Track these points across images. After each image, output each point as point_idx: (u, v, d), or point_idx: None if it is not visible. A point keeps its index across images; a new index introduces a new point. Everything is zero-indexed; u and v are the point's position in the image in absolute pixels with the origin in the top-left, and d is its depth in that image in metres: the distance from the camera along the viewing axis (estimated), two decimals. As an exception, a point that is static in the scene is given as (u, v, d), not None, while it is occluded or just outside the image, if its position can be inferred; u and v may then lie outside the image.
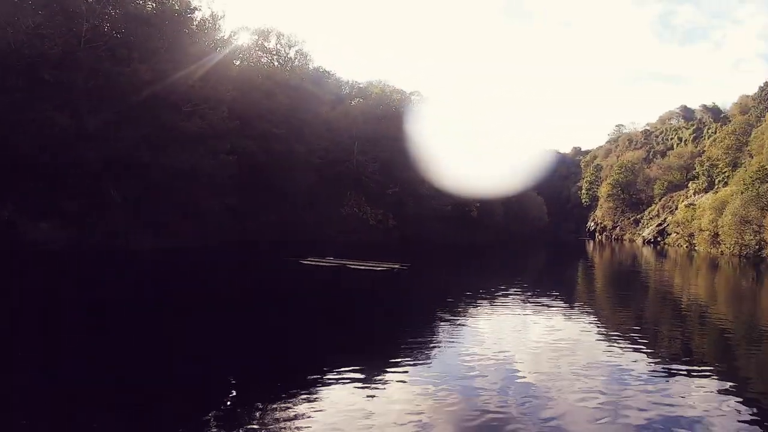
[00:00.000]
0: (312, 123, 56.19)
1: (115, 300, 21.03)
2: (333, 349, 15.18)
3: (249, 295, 24.03)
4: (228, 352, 14.31)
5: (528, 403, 10.99)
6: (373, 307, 23.11)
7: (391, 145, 65.88)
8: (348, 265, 33.72)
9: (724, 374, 14.09)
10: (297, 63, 65.28)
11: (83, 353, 13.42)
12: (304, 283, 28.56)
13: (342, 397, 10.78)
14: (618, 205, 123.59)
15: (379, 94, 72.55)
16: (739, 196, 65.12)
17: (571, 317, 22.14)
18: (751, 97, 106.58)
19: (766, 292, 12.45)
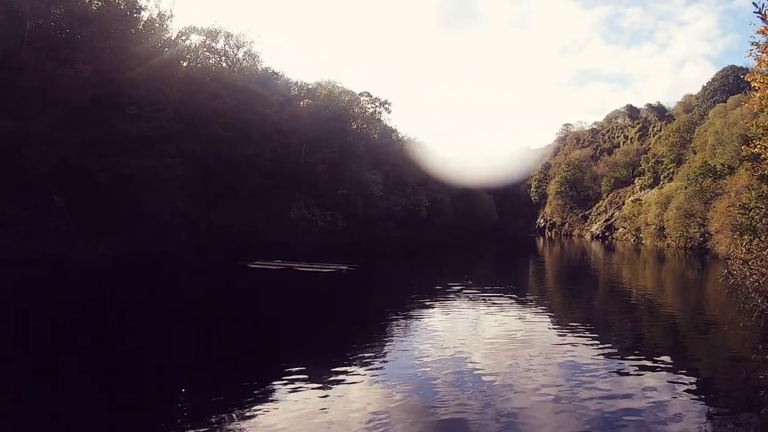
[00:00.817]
0: (260, 125, 55.42)
1: (50, 309, 20.03)
2: (285, 353, 15.09)
3: (196, 301, 23.65)
4: (177, 359, 14.08)
5: (486, 398, 11.10)
6: (322, 309, 23.08)
7: (340, 146, 65.31)
8: (295, 267, 33.72)
9: (675, 362, 14.67)
10: (245, 64, 64.68)
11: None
12: (253, 287, 28.20)
13: (297, 400, 10.68)
14: (566, 201, 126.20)
15: (327, 95, 71.86)
16: (684, 191, 67.13)
17: (524, 312, 22.40)
18: (694, 96, 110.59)
19: (712, 282, 12.63)
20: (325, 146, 63.21)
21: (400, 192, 74.88)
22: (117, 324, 18.12)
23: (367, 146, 72.71)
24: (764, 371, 11.11)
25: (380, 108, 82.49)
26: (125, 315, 19.61)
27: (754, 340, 12.41)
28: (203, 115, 49.02)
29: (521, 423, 9.90)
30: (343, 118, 69.44)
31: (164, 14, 47.75)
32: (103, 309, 20.81)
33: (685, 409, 10.92)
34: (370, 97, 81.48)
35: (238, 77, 59.94)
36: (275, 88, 67.11)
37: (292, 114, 63.79)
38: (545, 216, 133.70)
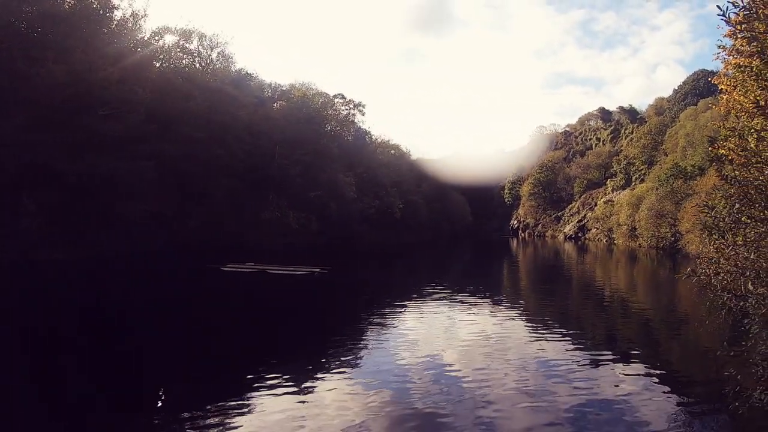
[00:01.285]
0: (233, 126, 55.13)
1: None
2: (259, 357, 14.98)
3: (167, 305, 23.28)
4: (148, 364, 13.81)
5: (462, 399, 11.18)
6: (296, 313, 22.90)
7: (314, 148, 65.02)
8: (268, 270, 33.51)
9: (647, 358, 15.06)
10: (219, 65, 64.34)
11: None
12: (225, 291, 28.01)
13: (273, 404, 10.63)
14: (540, 203, 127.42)
15: (301, 97, 71.57)
16: (655, 192, 68.12)
17: (499, 313, 22.48)
18: (666, 99, 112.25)
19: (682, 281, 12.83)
20: (298, 148, 62.91)
21: (374, 194, 74.76)
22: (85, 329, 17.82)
23: (340, 148, 72.56)
24: (732, 366, 11.24)
25: (354, 110, 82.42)
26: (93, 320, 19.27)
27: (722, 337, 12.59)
28: (176, 116, 48.62)
29: (498, 422, 9.96)
30: (316, 120, 69.24)
31: (138, 14, 47.36)
32: (70, 314, 20.42)
33: (657, 404, 11.21)
34: (345, 99, 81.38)
35: (212, 78, 59.59)
36: (249, 89, 66.65)
37: (265, 116, 63.41)
38: (519, 217, 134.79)
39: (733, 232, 10.80)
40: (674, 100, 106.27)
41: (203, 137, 49.97)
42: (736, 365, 11.40)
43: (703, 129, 65.36)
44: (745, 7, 9.00)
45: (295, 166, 61.85)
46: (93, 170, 38.40)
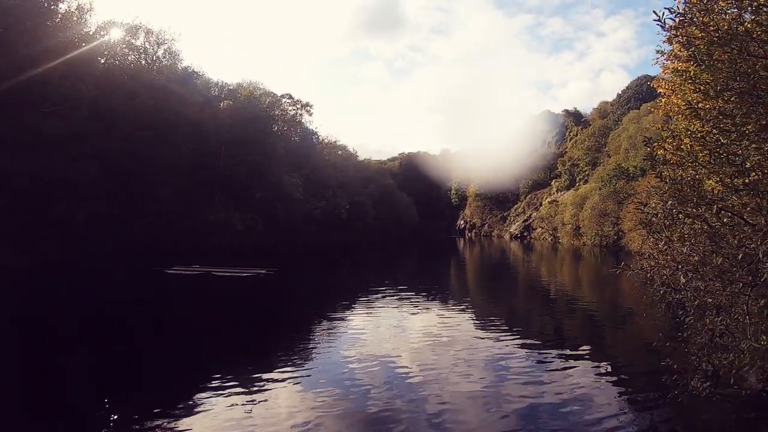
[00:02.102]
0: (179, 125, 54.00)
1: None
2: (206, 361, 14.72)
3: (109, 311, 22.41)
4: (90, 372, 13.40)
5: (412, 397, 11.29)
6: (242, 315, 22.71)
7: (261, 148, 64.43)
8: (214, 272, 32.99)
9: (593, 352, 15.66)
10: (165, 62, 62.84)
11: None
12: (170, 294, 27.44)
13: (223, 409, 10.51)
14: (486, 203, 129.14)
15: (248, 97, 70.66)
16: (598, 192, 69.98)
17: (447, 312, 22.64)
18: (610, 102, 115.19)
19: (626, 277, 13.39)
20: (245, 148, 62.25)
21: (321, 195, 74.51)
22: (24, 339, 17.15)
23: (287, 148, 72.07)
24: (671, 357, 11.76)
25: (302, 110, 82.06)
26: (31, 329, 18.55)
27: (663, 329, 13.17)
28: (121, 113, 47.26)
29: (449, 419, 10.11)
30: (263, 120, 68.53)
31: (83, 7, 45.78)
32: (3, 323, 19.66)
33: (603, 395, 11.67)
34: (292, 99, 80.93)
35: (158, 76, 58.36)
36: (195, 87, 65.53)
37: (212, 114, 62.49)
38: (465, 217, 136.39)
39: (669, 229, 11.27)
40: (618, 103, 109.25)
41: (149, 136, 48.91)
42: (675, 355, 11.95)
43: (645, 132, 67.36)
44: (681, 14, 9.42)
45: (241, 166, 61.18)
46: (34, 169, 37.17)
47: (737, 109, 9.40)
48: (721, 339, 10.68)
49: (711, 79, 9.89)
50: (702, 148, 11.07)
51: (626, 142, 76.02)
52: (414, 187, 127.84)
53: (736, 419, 10.19)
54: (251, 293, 27.97)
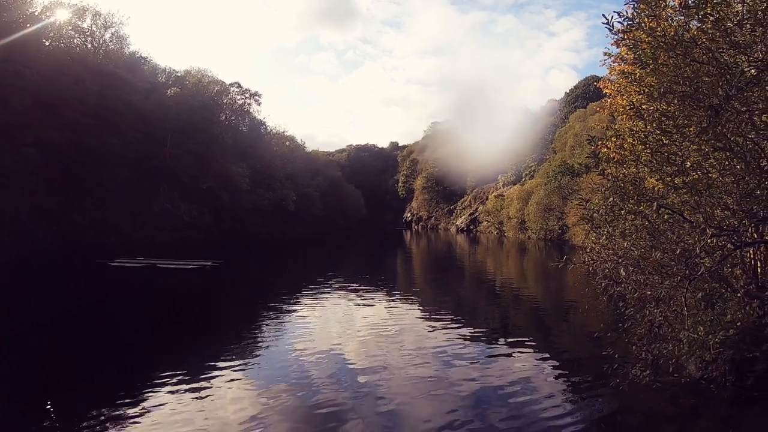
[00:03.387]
0: (125, 113, 52.62)
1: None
2: (150, 356, 14.46)
3: (50, 306, 21.59)
4: (32, 369, 13.01)
5: (361, 391, 11.34)
6: (187, 308, 22.45)
7: (208, 137, 63.34)
8: (158, 264, 32.43)
9: (539, 343, 16.10)
10: (112, 47, 60.64)
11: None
12: (113, 288, 26.89)
13: (168, 405, 10.34)
14: (433, 196, 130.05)
15: (196, 84, 69.24)
16: (544, 187, 71.28)
17: (394, 304, 22.75)
18: (558, 101, 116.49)
19: (570, 270, 13.89)
20: (191, 137, 61.13)
21: (268, 186, 73.62)
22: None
23: (235, 138, 70.89)
24: (612, 347, 12.29)
25: (250, 99, 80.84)
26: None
27: (605, 320, 13.63)
28: (64, 100, 45.61)
29: (397, 412, 10.25)
30: (211, 109, 67.37)
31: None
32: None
33: (548, 384, 12.05)
34: (241, 88, 79.56)
35: (104, 60, 56.31)
36: (142, 73, 63.40)
37: (158, 102, 60.88)
38: (412, 210, 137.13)
39: (611, 224, 11.74)
40: (565, 102, 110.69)
41: (93, 124, 47.50)
42: (616, 345, 12.49)
43: (590, 130, 68.87)
44: (630, 18, 9.81)
45: (187, 156, 60.05)
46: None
47: (679, 111, 9.84)
48: (660, 329, 11.22)
49: (655, 82, 10.34)
50: (644, 148, 11.55)
51: (572, 140, 77.53)
52: (362, 180, 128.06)
53: (675, 406, 10.66)
54: (197, 286, 27.66)
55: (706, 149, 9.63)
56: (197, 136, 61.75)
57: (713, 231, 8.89)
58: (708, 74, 9.16)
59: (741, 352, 10.42)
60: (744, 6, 8.41)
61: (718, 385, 10.82)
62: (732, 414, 10.16)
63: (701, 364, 11.12)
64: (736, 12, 8.52)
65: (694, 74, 9.23)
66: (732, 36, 8.51)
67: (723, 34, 8.59)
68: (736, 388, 10.53)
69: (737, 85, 8.21)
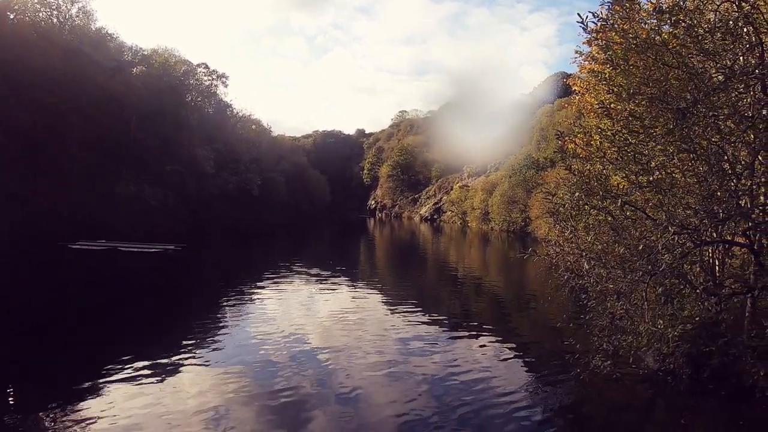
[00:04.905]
0: (90, 92, 50.83)
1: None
2: (110, 342, 14.25)
3: (10, 287, 21.50)
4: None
5: (324, 377, 11.48)
6: (149, 293, 22.38)
7: (173, 119, 62.08)
8: (120, 247, 31.81)
9: (501, 333, 16.40)
10: (78, 22, 58.30)
11: None
12: (73, 271, 26.59)
13: (131, 391, 10.26)
14: (398, 185, 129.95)
15: (163, 64, 67.60)
16: (508, 180, 71.94)
17: (357, 292, 22.85)
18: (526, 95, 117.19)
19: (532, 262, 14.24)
20: (157, 119, 59.77)
21: (233, 170, 72.67)
22: None
23: (200, 120, 69.67)
24: (574, 338, 12.64)
25: (217, 81, 79.28)
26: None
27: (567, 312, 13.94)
28: (27, 78, 43.91)
29: (360, 398, 10.41)
30: (177, 90, 66.04)
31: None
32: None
33: (511, 373, 12.35)
34: (208, 69, 77.98)
35: (70, 36, 54.36)
36: (108, 51, 61.49)
37: (124, 81, 59.06)
38: (377, 198, 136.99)
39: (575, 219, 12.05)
40: (533, 97, 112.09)
41: (56, 102, 45.94)
42: (578, 336, 12.86)
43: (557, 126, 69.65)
44: (604, 19, 10.06)
45: (152, 137, 58.73)
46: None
47: (647, 112, 10.15)
48: (620, 322, 11.60)
49: (625, 82, 10.64)
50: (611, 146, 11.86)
51: (538, 134, 78.28)
52: (327, 166, 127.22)
53: (633, 396, 11.06)
54: (159, 270, 27.45)
55: (672, 150, 9.94)
56: (163, 117, 60.43)
57: (675, 229, 9.20)
58: (677, 78, 9.47)
59: (698, 346, 10.81)
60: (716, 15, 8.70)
61: (675, 377, 11.21)
62: (688, 405, 10.57)
63: (659, 356, 11.50)
64: (707, 20, 8.82)
65: (663, 77, 9.53)
66: (702, 43, 8.80)
67: (694, 41, 8.88)
68: (692, 381, 10.93)
69: (705, 90, 8.52)
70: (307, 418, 9.45)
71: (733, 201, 8.79)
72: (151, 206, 56.23)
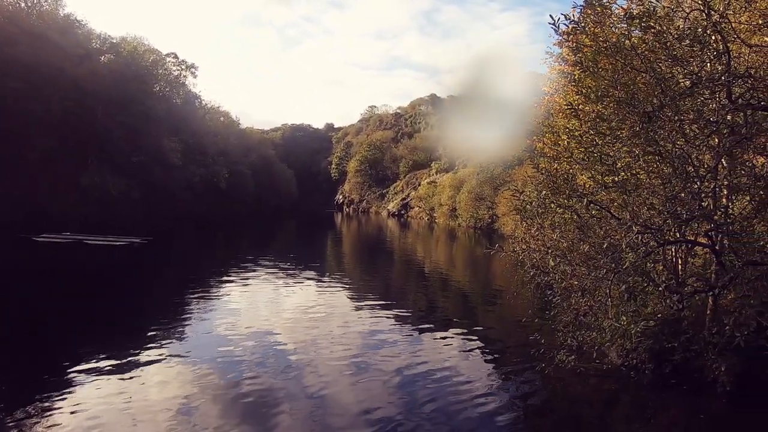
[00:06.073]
0: (56, 79, 49.80)
1: None
2: (76, 338, 14.01)
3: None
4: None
5: (290, 372, 11.48)
6: (114, 287, 22.03)
7: (141, 109, 60.97)
8: (86, 240, 31.42)
9: (467, 328, 16.53)
10: (46, 7, 56.93)
11: None
12: (37, 264, 25.92)
13: (96, 388, 10.14)
14: (365, 180, 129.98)
15: (131, 53, 66.19)
16: (476, 177, 72.29)
17: (323, 286, 22.87)
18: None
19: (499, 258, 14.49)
20: (124, 108, 58.68)
21: (200, 162, 71.74)
22: None
23: (168, 111, 68.45)
24: (539, 333, 12.89)
25: (186, 72, 78.24)
26: None
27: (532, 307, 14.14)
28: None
29: (327, 393, 10.45)
30: (145, 79, 64.86)
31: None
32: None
33: (477, 368, 12.56)
34: (177, 59, 76.91)
35: (37, 22, 52.99)
36: (76, 38, 59.93)
37: (91, 70, 57.79)
38: (344, 193, 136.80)
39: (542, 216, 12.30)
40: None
41: (21, 88, 45.05)
42: (543, 332, 13.12)
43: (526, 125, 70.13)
44: (575, 22, 10.28)
45: (119, 127, 57.66)
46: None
47: (614, 114, 10.41)
48: (585, 318, 11.90)
49: (593, 84, 10.88)
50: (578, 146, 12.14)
51: (509, 132, 78.86)
52: (295, 160, 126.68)
53: (597, 390, 11.35)
54: (124, 263, 27.10)
55: (637, 152, 10.23)
56: (130, 107, 59.34)
57: (639, 228, 9.47)
58: (644, 82, 9.73)
59: (660, 342, 11.14)
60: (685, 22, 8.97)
61: (638, 371, 11.54)
62: (650, 399, 10.86)
63: (622, 352, 11.83)
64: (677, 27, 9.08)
65: (631, 81, 9.79)
66: (671, 49, 9.06)
67: (662, 47, 9.14)
68: (654, 375, 11.26)
69: (671, 94, 8.79)
70: (273, 413, 9.43)
71: (696, 203, 9.07)
72: (115, 198, 55.22)
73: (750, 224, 10.46)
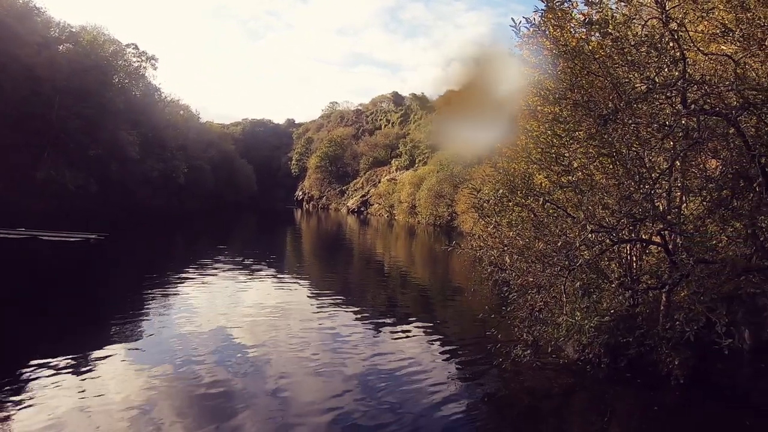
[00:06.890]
0: (11, 68, 48.54)
1: None
2: (28, 339, 13.45)
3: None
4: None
5: (249, 370, 11.42)
6: (69, 284, 21.34)
7: (98, 101, 59.57)
8: (40, 236, 30.71)
9: (426, 324, 16.65)
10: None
11: None
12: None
13: (52, 392, 9.81)
14: (326, 176, 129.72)
15: (90, 42, 64.46)
16: (436, 175, 72.93)
17: (283, 284, 22.82)
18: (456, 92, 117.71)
19: (457, 255, 14.73)
20: (81, 100, 57.27)
21: (158, 156, 70.45)
22: None
23: (126, 103, 66.91)
24: (496, 329, 13.18)
25: (146, 63, 76.51)
26: None
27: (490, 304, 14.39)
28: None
29: (287, 392, 10.42)
30: (104, 70, 63.33)
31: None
32: None
33: (435, 364, 12.68)
34: (137, 50, 75.20)
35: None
36: (34, 26, 58.10)
37: (49, 59, 56.23)
38: (304, 189, 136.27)
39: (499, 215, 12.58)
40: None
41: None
42: (500, 327, 13.41)
43: (489, 123, 70.66)
44: (536, 25, 10.53)
45: (76, 119, 56.29)
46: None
47: (571, 116, 10.73)
48: (540, 314, 12.22)
49: (552, 87, 11.18)
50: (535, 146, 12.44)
51: (470, 130, 79.41)
52: (255, 155, 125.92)
53: (554, 384, 11.61)
54: (79, 260, 26.57)
55: (593, 153, 10.56)
56: (88, 99, 57.92)
57: (593, 227, 9.77)
58: (601, 86, 10.04)
59: (615, 337, 11.49)
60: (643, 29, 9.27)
61: (594, 366, 11.88)
62: (606, 392, 11.23)
63: (578, 346, 12.14)
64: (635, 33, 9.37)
65: (589, 85, 10.10)
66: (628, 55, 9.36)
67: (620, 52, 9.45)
68: (610, 369, 11.63)
69: (627, 99, 9.09)
70: (232, 412, 9.36)
71: (648, 203, 9.38)
72: (72, 192, 53.91)
73: (703, 224, 10.87)
